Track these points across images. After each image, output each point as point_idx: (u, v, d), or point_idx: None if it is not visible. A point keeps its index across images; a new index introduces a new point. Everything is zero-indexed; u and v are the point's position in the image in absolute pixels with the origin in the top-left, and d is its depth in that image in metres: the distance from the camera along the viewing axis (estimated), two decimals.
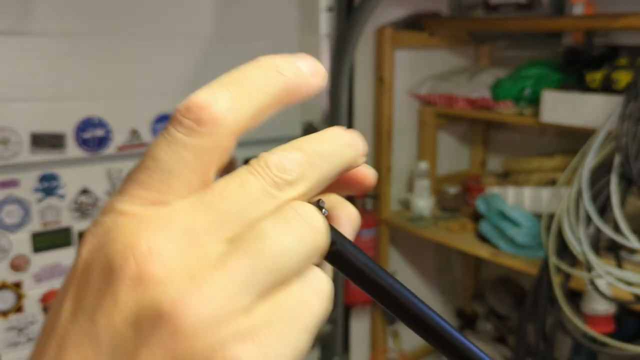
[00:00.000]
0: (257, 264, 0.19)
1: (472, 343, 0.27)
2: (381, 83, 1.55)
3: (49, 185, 1.15)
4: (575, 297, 1.18)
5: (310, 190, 0.22)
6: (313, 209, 0.21)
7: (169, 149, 0.20)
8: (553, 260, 1.14)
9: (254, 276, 0.19)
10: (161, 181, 0.20)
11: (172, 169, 0.20)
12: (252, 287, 0.19)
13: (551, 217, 1.18)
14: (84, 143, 1.18)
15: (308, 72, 0.23)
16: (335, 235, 0.25)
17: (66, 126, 1.15)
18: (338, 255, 0.25)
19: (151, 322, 0.18)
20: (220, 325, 0.19)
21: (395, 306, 0.27)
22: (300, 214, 0.21)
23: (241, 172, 0.21)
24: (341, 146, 0.23)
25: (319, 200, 0.24)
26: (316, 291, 0.21)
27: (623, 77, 1.17)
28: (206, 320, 0.18)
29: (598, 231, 1.08)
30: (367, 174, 0.25)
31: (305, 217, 0.21)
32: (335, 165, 0.23)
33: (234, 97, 0.21)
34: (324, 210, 0.23)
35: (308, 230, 0.21)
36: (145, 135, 1.25)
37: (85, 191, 1.20)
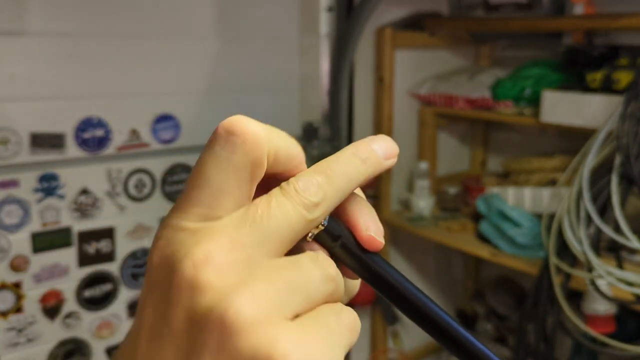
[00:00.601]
0: (293, 284, 0.23)
1: (469, 332, 0.27)
2: (381, 83, 1.55)
3: (48, 185, 1.15)
4: (575, 297, 1.17)
5: (333, 205, 0.26)
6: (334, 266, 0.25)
7: (217, 168, 0.24)
8: (553, 260, 1.13)
9: (292, 293, 0.23)
10: (211, 198, 0.24)
11: (221, 186, 0.24)
12: (290, 300, 0.23)
13: (551, 217, 1.18)
14: (83, 143, 1.18)
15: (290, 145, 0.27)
16: (341, 230, 0.27)
17: (66, 126, 1.15)
18: (343, 248, 0.27)
19: (205, 323, 0.22)
20: (266, 325, 0.21)
21: (398, 298, 0.27)
22: (325, 266, 0.25)
23: (276, 194, 0.25)
24: (357, 163, 0.27)
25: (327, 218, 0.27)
26: (344, 320, 0.24)
27: (623, 77, 1.17)
28: (253, 320, 0.21)
29: (598, 231, 1.08)
30: (373, 240, 0.28)
31: (328, 268, 0.25)
32: (354, 180, 0.26)
33: (266, 129, 0.25)
34: (327, 218, 0.27)
35: (329, 276, 0.25)
36: (145, 135, 1.25)
37: (85, 191, 1.20)
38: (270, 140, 0.25)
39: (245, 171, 0.24)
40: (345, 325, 0.24)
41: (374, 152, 0.27)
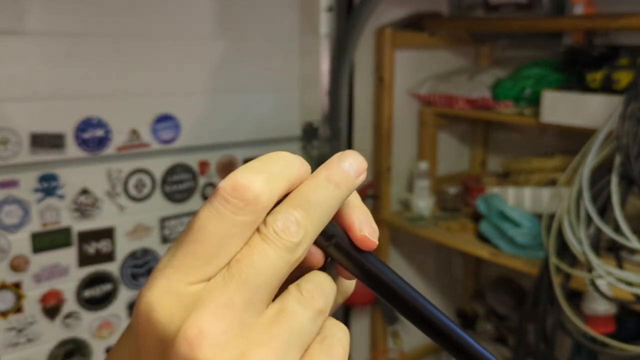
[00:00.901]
0: (288, 339, 0.24)
1: (462, 330, 0.27)
2: (381, 83, 1.55)
3: (48, 186, 1.15)
4: (575, 297, 1.17)
5: (314, 237, 0.26)
6: (326, 293, 0.26)
7: (220, 225, 0.24)
8: (553, 260, 1.13)
9: (288, 349, 0.23)
10: (209, 254, 0.24)
11: (221, 243, 0.24)
12: (288, 357, 0.23)
13: (551, 217, 1.18)
14: (83, 143, 1.18)
15: (297, 165, 0.27)
16: (335, 230, 0.27)
17: (66, 126, 1.15)
18: (336, 248, 0.27)
19: None
20: None
21: (392, 296, 0.27)
22: (312, 302, 0.25)
23: (257, 243, 0.24)
24: (332, 189, 0.26)
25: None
26: (336, 345, 0.26)
27: (623, 77, 1.17)
28: None
29: (598, 231, 1.08)
30: (366, 240, 0.28)
31: (315, 303, 0.25)
32: (331, 207, 0.26)
33: (269, 180, 0.25)
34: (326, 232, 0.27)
35: (317, 312, 0.25)
36: (145, 135, 1.25)
37: (85, 191, 1.20)
38: (272, 192, 0.25)
39: (248, 229, 0.24)
40: (336, 350, 0.25)
41: (345, 173, 0.27)
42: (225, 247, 0.24)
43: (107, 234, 1.24)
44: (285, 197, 0.26)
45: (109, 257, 1.25)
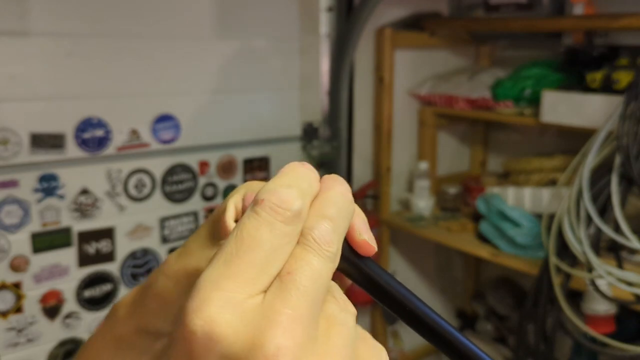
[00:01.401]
0: (348, 345, 0.25)
1: (461, 333, 0.27)
2: (381, 83, 1.55)
3: (48, 186, 1.15)
4: (575, 297, 1.17)
5: (341, 246, 0.27)
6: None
7: (272, 233, 0.24)
8: (553, 260, 1.13)
9: (350, 355, 0.25)
10: (266, 262, 0.24)
11: (274, 251, 0.24)
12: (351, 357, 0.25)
13: (551, 217, 1.18)
14: (83, 143, 1.18)
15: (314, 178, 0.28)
16: None
17: (66, 126, 1.15)
18: None
19: None
20: None
21: (389, 300, 0.27)
22: (348, 307, 0.26)
23: (302, 253, 0.25)
24: (348, 203, 0.28)
25: None
26: (378, 344, 0.27)
27: (623, 77, 1.17)
28: None
29: (598, 231, 1.08)
30: (366, 244, 0.29)
31: (350, 307, 0.27)
32: (350, 215, 0.28)
33: (302, 195, 0.26)
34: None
35: (354, 315, 0.27)
36: (145, 135, 1.25)
37: (85, 191, 1.20)
38: (306, 206, 0.26)
39: (294, 239, 0.25)
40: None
41: (348, 189, 0.28)
42: (278, 255, 0.24)
43: (107, 234, 1.24)
44: None
45: (109, 257, 1.25)
